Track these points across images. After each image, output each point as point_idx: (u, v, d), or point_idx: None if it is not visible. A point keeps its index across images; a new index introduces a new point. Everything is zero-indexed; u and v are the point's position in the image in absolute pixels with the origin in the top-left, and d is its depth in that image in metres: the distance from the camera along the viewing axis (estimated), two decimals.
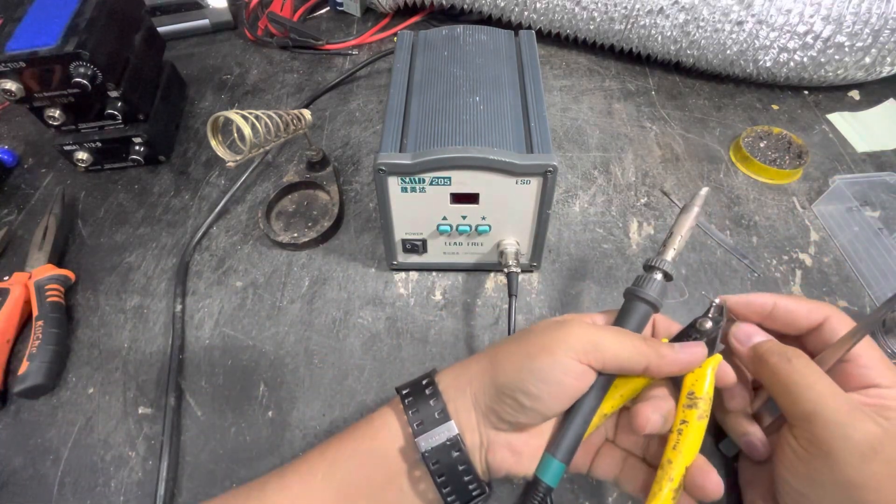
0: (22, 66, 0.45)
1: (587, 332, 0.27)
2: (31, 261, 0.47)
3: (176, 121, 0.61)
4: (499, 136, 0.38)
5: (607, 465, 0.31)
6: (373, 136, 0.59)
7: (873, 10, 0.52)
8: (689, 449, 0.27)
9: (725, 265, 0.47)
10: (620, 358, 0.27)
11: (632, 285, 0.31)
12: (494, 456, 0.28)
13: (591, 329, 0.27)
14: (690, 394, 0.28)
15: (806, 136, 0.58)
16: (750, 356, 0.29)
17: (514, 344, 0.29)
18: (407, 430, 0.29)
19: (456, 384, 0.29)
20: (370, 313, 0.45)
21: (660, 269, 0.30)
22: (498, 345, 0.30)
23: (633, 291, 0.30)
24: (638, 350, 0.27)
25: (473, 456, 0.28)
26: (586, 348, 0.27)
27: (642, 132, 0.59)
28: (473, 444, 0.28)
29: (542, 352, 0.27)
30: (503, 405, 0.27)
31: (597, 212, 0.51)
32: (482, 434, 0.28)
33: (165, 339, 0.43)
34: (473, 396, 0.28)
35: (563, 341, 0.27)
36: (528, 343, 0.28)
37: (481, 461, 0.29)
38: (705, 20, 0.56)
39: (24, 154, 0.59)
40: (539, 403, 0.27)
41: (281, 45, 0.70)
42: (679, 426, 0.28)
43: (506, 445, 0.28)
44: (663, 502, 0.26)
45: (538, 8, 0.62)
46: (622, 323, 0.30)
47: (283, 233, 0.49)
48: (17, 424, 0.40)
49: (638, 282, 0.31)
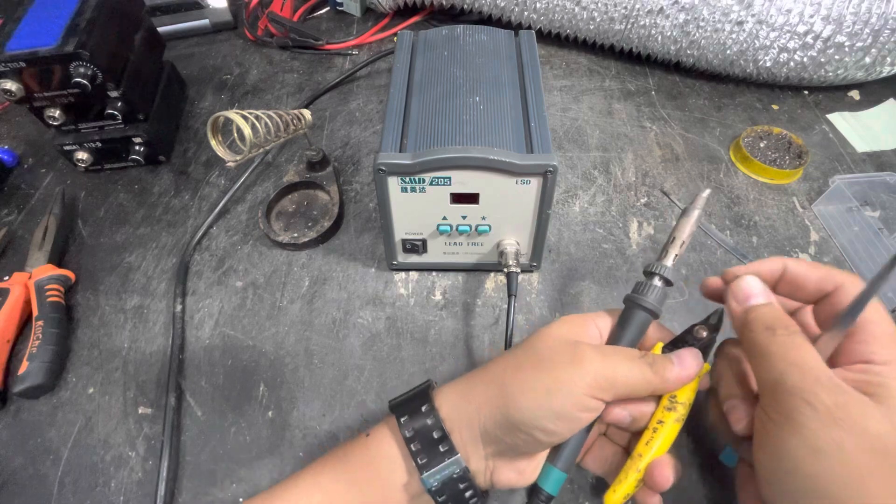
0: (22, 66, 0.45)
1: (603, 367, 0.27)
2: (31, 261, 0.47)
3: (176, 121, 0.61)
4: (499, 136, 0.38)
5: (597, 459, 0.32)
6: (373, 136, 0.59)
7: (873, 10, 0.52)
8: (660, 447, 0.29)
9: (726, 265, 0.47)
10: (630, 388, 0.27)
11: (632, 292, 0.30)
12: (500, 477, 0.29)
13: (605, 362, 0.27)
14: (672, 397, 0.29)
15: (806, 136, 0.58)
16: (740, 319, 0.27)
17: (527, 371, 0.28)
18: (409, 463, 0.28)
19: (459, 413, 0.29)
20: (370, 313, 0.45)
21: (660, 275, 0.30)
22: (505, 365, 0.29)
23: (633, 299, 0.30)
24: (646, 379, 0.27)
25: (478, 478, 0.29)
26: (602, 385, 0.27)
27: (642, 132, 0.59)
28: (478, 469, 0.29)
29: (560, 389, 0.27)
30: (516, 439, 0.27)
31: (597, 212, 0.51)
32: (488, 460, 0.29)
33: (165, 339, 0.43)
34: (482, 427, 0.28)
35: (581, 378, 0.26)
36: (543, 373, 0.27)
37: (485, 482, 0.29)
38: (705, 20, 0.56)
39: (24, 154, 0.59)
40: (554, 437, 0.27)
41: (281, 45, 0.70)
42: (655, 425, 0.29)
43: (512, 468, 0.29)
44: (626, 488, 0.29)
45: (538, 8, 0.62)
46: (623, 332, 0.30)
47: (283, 233, 0.49)
48: (17, 424, 0.40)
49: (638, 288, 0.30)
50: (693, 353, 0.28)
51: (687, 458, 0.37)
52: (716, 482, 0.36)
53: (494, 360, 0.31)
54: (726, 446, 0.33)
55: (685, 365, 0.28)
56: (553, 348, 0.29)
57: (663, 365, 0.28)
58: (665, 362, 0.28)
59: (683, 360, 0.28)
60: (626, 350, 0.29)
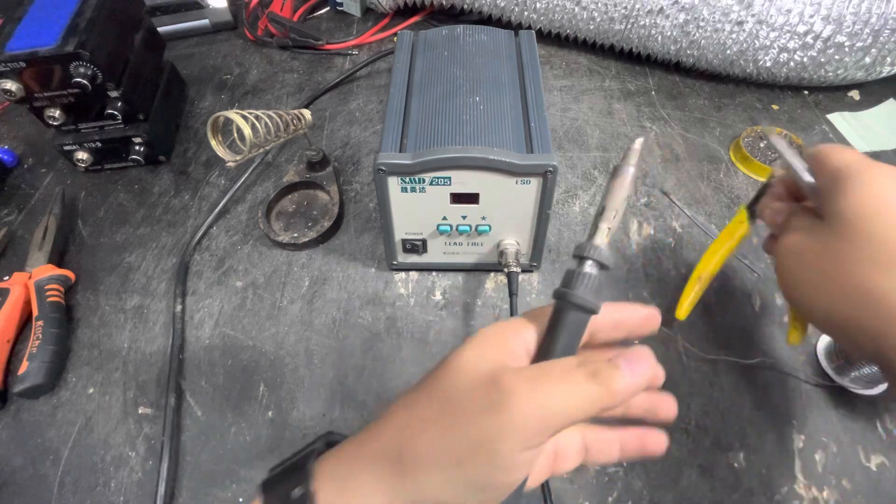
0: (22, 66, 0.45)
1: (533, 404, 0.20)
2: (31, 261, 0.47)
3: (176, 121, 0.61)
4: (499, 136, 0.38)
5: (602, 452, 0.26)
6: (373, 136, 0.59)
7: (873, 10, 0.52)
8: (712, 268, 0.39)
9: (726, 265, 0.46)
10: (573, 417, 0.21)
11: (561, 285, 0.24)
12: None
13: (535, 394, 0.21)
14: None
15: (806, 136, 0.58)
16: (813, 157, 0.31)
17: (431, 431, 0.21)
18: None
19: (346, 500, 0.21)
20: (370, 313, 0.45)
21: (592, 258, 0.24)
22: (403, 422, 0.22)
23: (563, 295, 0.24)
24: (591, 398, 0.21)
25: None
26: (536, 429, 0.20)
27: (642, 132, 0.59)
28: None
29: (477, 454, 0.20)
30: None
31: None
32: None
33: (165, 339, 0.43)
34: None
35: (506, 431, 0.20)
36: (452, 431, 0.21)
37: None
38: (705, 20, 0.56)
39: (24, 154, 0.59)
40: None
41: (281, 45, 0.70)
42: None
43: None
44: (690, 304, 0.39)
45: (538, 8, 0.62)
46: (554, 340, 0.24)
47: (283, 233, 0.49)
48: (17, 424, 0.40)
49: (568, 280, 0.24)
50: (644, 354, 0.23)
51: (686, 458, 0.37)
52: (716, 482, 0.36)
53: (392, 408, 0.23)
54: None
55: (637, 371, 0.22)
56: (465, 389, 0.22)
57: (609, 375, 0.21)
58: (611, 370, 0.22)
59: (634, 364, 0.22)
60: (560, 365, 0.22)
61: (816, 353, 0.41)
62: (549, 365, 0.22)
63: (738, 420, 0.38)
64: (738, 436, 0.38)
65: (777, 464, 0.36)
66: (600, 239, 0.24)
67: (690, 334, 0.42)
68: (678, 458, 0.37)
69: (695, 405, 0.39)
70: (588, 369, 0.22)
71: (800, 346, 0.41)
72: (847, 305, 0.26)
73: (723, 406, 0.39)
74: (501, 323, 0.25)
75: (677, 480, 0.36)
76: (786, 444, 0.37)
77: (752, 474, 0.36)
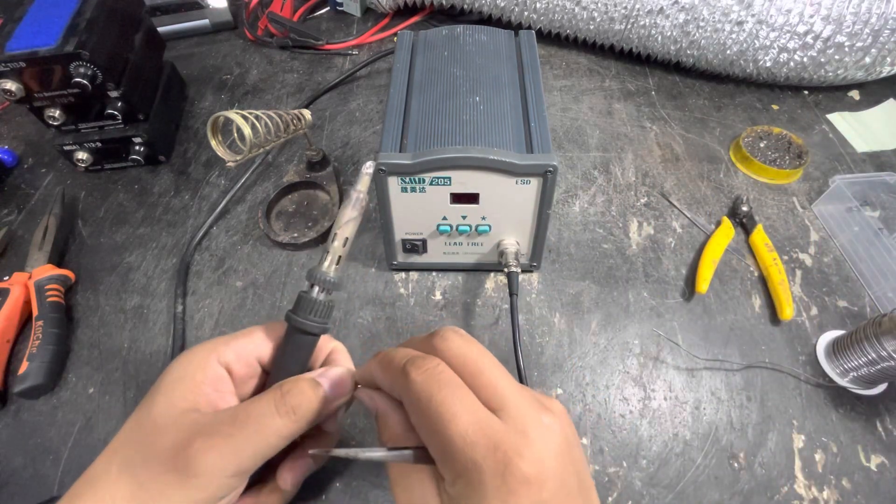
0: (22, 66, 0.45)
1: (224, 456, 0.22)
2: (31, 261, 0.47)
3: (176, 121, 0.61)
4: (499, 136, 0.38)
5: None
6: (373, 136, 0.59)
7: (873, 10, 0.52)
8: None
9: (725, 265, 0.47)
10: (266, 457, 0.23)
11: (291, 309, 0.27)
12: None
13: (225, 445, 0.22)
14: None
15: (806, 136, 0.58)
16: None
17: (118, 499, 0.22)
18: None
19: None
20: (370, 313, 0.45)
21: (319, 283, 0.26)
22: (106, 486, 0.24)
23: (290, 319, 0.26)
24: (280, 435, 0.23)
25: None
26: (233, 471, 0.22)
27: (642, 132, 0.59)
28: None
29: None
30: None
31: (597, 212, 0.51)
32: None
33: (165, 339, 0.43)
34: None
35: (194, 495, 0.21)
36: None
37: None
38: (705, 20, 0.56)
39: (24, 154, 0.59)
40: None
41: (281, 45, 0.70)
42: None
43: None
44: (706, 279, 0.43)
45: (538, 8, 0.62)
46: (283, 360, 0.26)
47: (283, 233, 0.49)
48: (17, 424, 0.40)
49: (299, 304, 0.26)
50: (342, 378, 0.25)
51: (686, 458, 0.37)
52: (716, 482, 0.36)
53: (105, 452, 0.25)
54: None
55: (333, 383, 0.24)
56: (154, 450, 0.23)
57: (297, 400, 0.23)
58: (297, 394, 0.23)
59: (330, 377, 0.24)
60: (256, 408, 0.23)
61: (816, 353, 0.41)
62: (245, 409, 0.23)
63: (737, 420, 0.38)
64: (739, 436, 0.38)
65: (777, 464, 0.36)
66: (327, 265, 0.26)
67: (690, 334, 0.42)
68: (678, 458, 0.37)
69: (695, 405, 0.39)
70: (275, 394, 0.23)
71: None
72: None
73: (723, 406, 0.39)
74: (195, 356, 0.25)
75: (677, 480, 0.36)
76: (786, 444, 0.37)
77: (751, 474, 0.36)
